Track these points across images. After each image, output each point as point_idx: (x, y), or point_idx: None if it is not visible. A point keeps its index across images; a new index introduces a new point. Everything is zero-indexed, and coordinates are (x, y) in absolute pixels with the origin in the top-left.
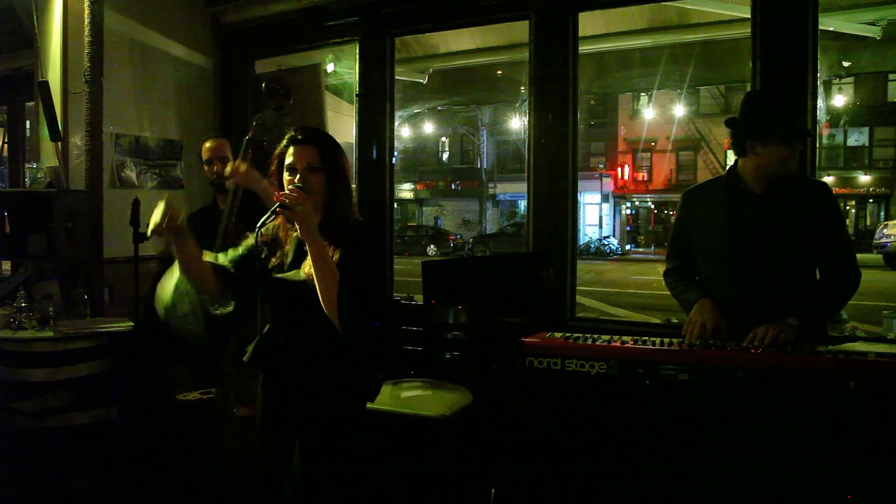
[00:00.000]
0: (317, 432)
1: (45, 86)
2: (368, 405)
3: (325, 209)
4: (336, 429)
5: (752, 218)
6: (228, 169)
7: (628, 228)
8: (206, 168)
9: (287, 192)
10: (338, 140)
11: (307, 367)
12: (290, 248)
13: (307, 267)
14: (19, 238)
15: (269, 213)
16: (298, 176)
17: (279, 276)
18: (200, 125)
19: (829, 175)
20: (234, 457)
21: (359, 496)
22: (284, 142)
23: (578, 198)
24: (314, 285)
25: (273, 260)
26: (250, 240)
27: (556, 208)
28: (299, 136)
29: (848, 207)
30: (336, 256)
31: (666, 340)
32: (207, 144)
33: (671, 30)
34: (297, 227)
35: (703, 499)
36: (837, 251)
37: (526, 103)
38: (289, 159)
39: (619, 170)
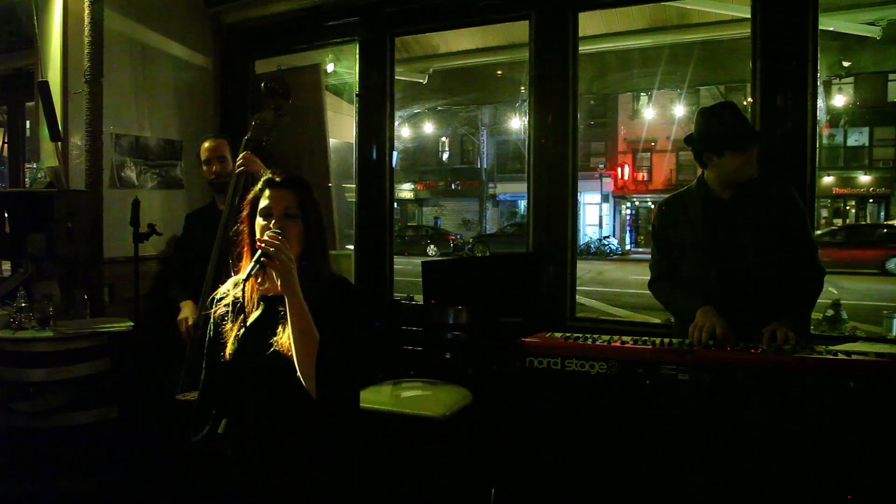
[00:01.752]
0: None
1: (45, 86)
2: (369, 405)
3: (299, 261)
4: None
5: (724, 223)
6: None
7: (629, 228)
8: (204, 168)
9: (267, 238)
10: (338, 140)
11: (280, 439)
12: (253, 309)
13: (282, 336)
14: (19, 238)
15: (253, 264)
16: (274, 221)
17: (246, 341)
18: (200, 125)
19: (829, 175)
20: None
21: (359, 496)
22: (259, 185)
23: (578, 198)
24: (287, 354)
25: (234, 326)
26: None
27: (556, 208)
28: (277, 179)
29: (848, 207)
30: (313, 314)
31: (666, 340)
32: (206, 145)
33: (671, 30)
34: (278, 279)
35: (704, 498)
36: (804, 251)
37: (526, 103)
38: (264, 202)
39: (619, 170)
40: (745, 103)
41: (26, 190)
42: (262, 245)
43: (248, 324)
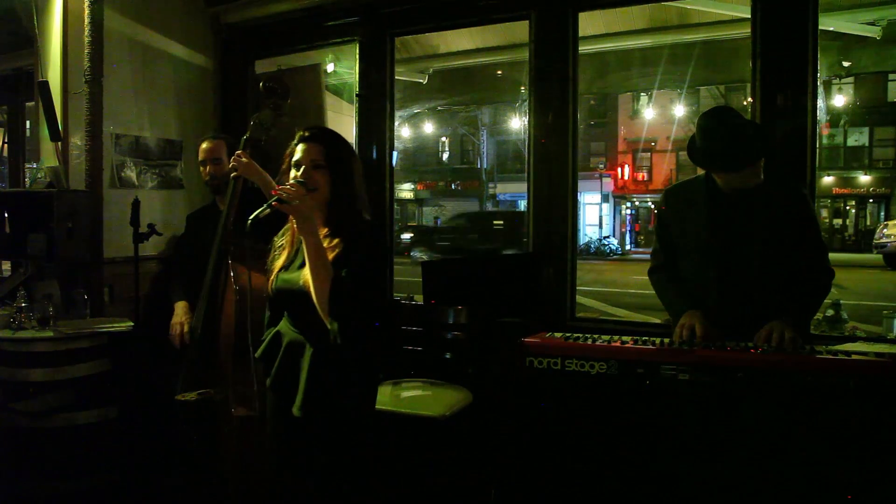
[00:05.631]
0: (318, 434)
1: (45, 86)
2: None
3: (328, 207)
4: (337, 431)
5: (729, 218)
6: (232, 164)
7: (629, 228)
8: (201, 168)
9: (287, 185)
10: None
11: (308, 366)
12: (299, 249)
13: (306, 271)
14: (19, 238)
15: (264, 206)
16: (302, 170)
17: (284, 276)
18: (200, 125)
19: (829, 175)
20: (233, 457)
21: (360, 496)
22: (295, 140)
23: (578, 198)
24: (308, 287)
25: (279, 260)
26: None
27: (556, 208)
28: (306, 134)
29: (848, 207)
30: (336, 254)
31: (666, 340)
32: (203, 146)
33: (671, 30)
34: (294, 221)
35: (704, 499)
36: (811, 252)
37: (526, 103)
38: (296, 156)
39: (619, 170)
40: (745, 103)
41: (26, 190)
42: (278, 192)
43: (283, 265)
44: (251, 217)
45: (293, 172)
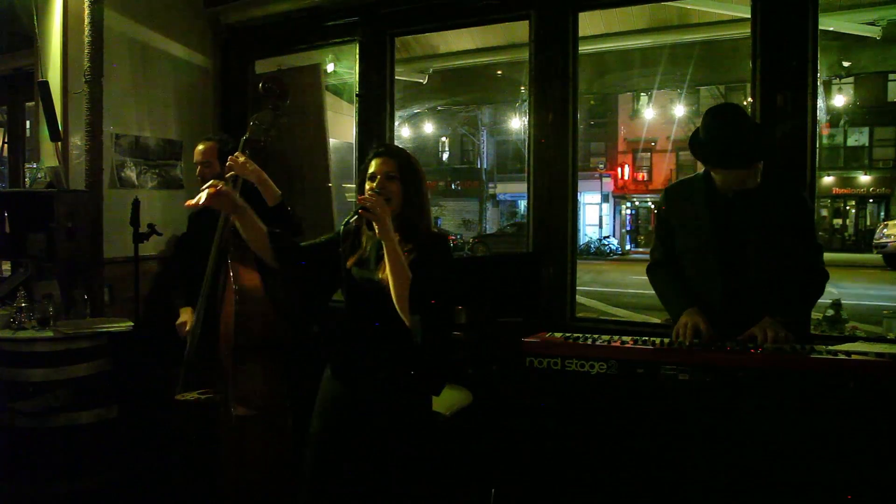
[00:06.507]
0: (382, 426)
1: (45, 86)
2: None
3: (399, 216)
4: (402, 424)
5: (728, 217)
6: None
7: (629, 228)
8: (196, 169)
9: (367, 196)
10: (338, 140)
11: (378, 360)
12: (370, 250)
13: (383, 270)
14: (19, 238)
15: (351, 214)
16: (377, 181)
17: (359, 271)
18: (200, 125)
19: (829, 175)
20: (232, 457)
21: (363, 496)
22: (370, 155)
23: (578, 198)
24: (388, 284)
25: (352, 258)
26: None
27: (556, 208)
28: (380, 150)
29: (848, 207)
30: (410, 258)
31: (666, 340)
32: (197, 147)
33: (671, 30)
34: (376, 227)
35: (704, 498)
36: (807, 252)
37: (526, 103)
38: (371, 169)
39: (619, 170)
40: (745, 103)
41: (26, 190)
42: (361, 200)
43: (354, 263)
44: (344, 223)
45: (368, 184)
